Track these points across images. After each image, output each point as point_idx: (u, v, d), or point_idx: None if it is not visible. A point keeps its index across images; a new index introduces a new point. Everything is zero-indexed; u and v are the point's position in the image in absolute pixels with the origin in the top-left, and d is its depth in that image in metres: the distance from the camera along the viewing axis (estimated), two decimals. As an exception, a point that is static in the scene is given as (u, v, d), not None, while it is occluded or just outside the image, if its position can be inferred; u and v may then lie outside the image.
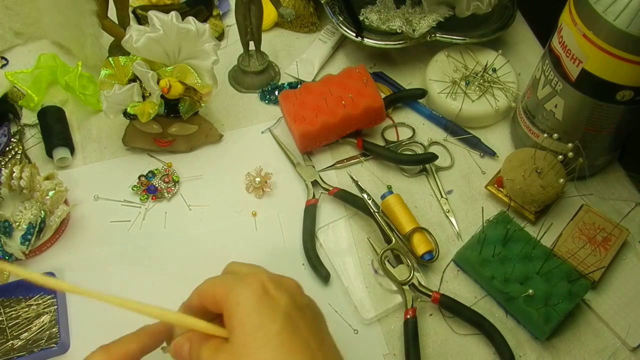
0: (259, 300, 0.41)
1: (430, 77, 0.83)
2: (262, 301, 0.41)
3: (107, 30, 0.82)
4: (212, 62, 0.70)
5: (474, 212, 0.75)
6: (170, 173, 0.75)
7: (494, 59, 0.83)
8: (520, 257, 0.67)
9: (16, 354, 0.62)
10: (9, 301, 0.65)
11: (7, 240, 0.67)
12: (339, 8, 0.85)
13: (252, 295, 0.42)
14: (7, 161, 0.76)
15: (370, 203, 0.72)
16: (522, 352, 0.65)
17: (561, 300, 0.63)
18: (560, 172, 0.70)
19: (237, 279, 0.44)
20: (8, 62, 0.88)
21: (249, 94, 0.86)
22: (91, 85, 0.81)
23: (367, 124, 0.80)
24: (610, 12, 0.58)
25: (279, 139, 0.80)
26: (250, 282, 0.43)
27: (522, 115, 0.77)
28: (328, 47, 0.89)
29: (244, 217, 0.74)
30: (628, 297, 0.69)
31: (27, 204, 0.70)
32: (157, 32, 0.67)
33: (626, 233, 0.71)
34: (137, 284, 0.68)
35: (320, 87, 0.79)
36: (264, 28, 0.87)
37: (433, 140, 0.81)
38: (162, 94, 0.69)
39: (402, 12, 0.85)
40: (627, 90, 0.63)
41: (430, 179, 0.78)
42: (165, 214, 0.73)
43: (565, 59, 0.65)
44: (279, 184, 0.76)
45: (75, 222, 0.72)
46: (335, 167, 0.78)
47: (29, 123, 0.80)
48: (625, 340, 0.66)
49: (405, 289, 0.66)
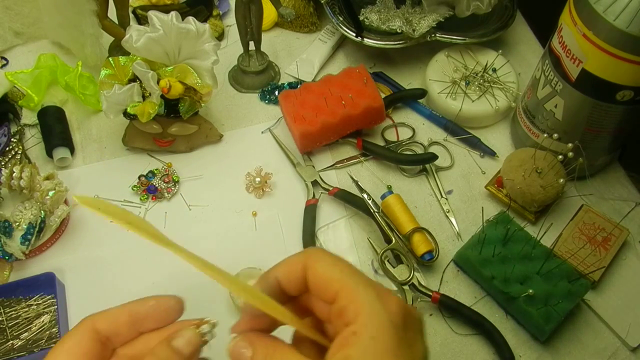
0: (396, 338, 0.33)
1: (430, 77, 0.83)
2: (400, 344, 0.33)
3: (107, 30, 0.82)
4: (212, 62, 0.70)
5: (474, 212, 0.75)
6: (170, 173, 0.75)
7: (494, 59, 0.83)
8: (520, 257, 0.67)
9: (16, 354, 0.62)
10: (9, 301, 0.65)
11: (7, 240, 0.67)
12: (339, 8, 0.85)
13: (390, 327, 0.33)
14: (7, 161, 0.76)
15: (370, 203, 0.72)
16: (522, 352, 0.65)
17: (561, 300, 0.63)
18: (560, 172, 0.70)
19: (371, 288, 0.35)
20: (8, 62, 0.88)
21: (249, 94, 0.86)
22: (91, 85, 0.81)
23: (367, 124, 0.80)
24: (610, 12, 0.58)
25: (279, 139, 0.80)
26: (390, 306, 0.34)
27: (522, 115, 0.77)
28: (328, 47, 0.89)
29: (244, 217, 0.74)
30: (628, 297, 0.69)
31: (27, 204, 0.70)
32: (157, 32, 0.67)
33: (626, 233, 0.71)
34: (137, 284, 0.67)
35: (320, 87, 0.79)
36: (264, 28, 0.87)
37: (433, 140, 0.81)
38: (162, 94, 0.69)
39: (402, 12, 0.85)
40: (627, 90, 0.63)
41: (430, 179, 0.78)
42: (165, 214, 0.73)
43: (565, 59, 0.65)
44: (279, 184, 0.76)
45: (75, 222, 0.72)
46: (335, 167, 0.78)
47: (29, 123, 0.80)
48: (625, 340, 0.66)
49: (405, 289, 0.66)
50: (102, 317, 0.39)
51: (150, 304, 0.39)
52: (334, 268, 0.36)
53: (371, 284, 0.35)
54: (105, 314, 0.39)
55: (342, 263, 0.37)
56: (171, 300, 0.40)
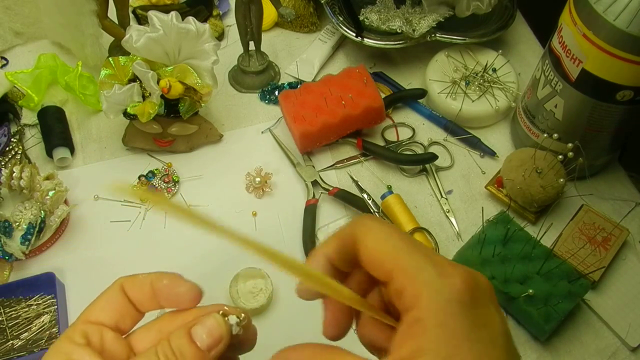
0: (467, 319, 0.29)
1: (430, 77, 0.83)
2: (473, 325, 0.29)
3: (107, 30, 0.82)
4: (212, 62, 0.70)
5: (474, 212, 0.75)
6: (170, 173, 0.75)
7: (494, 59, 0.83)
8: (520, 257, 0.66)
9: (16, 354, 0.62)
10: (9, 301, 0.65)
11: (7, 240, 0.67)
12: (339, 8, 0.85)
13: (458, 309, 0.29)
14: (7, 161, 0.76)
15: (370, 203, 0.72)
16: (522, 352, 0.65)
17: (561, 300, 0.63)
18: (560, 172, 0.70)
19: (430, 263, 0.31)
20: (8, 62, 0.88)
21: (249, 94, 0.86)
22: (91, 85, 0.81)
23: (367, 124, 0.80)
24: (610, 12, 0.58)
25: (279, 139, 0.80)
26: (453, 282, 0.30)
27: (522, 115, 0.77)
28: (328, 47, 0.89)
29: (244, 217, 0.74)
30: (628, 297, 0.69)
31: (27, 204, 0.70)
32: (157, 32, 0.67)
33: (626, 233, 0.71)
34: (137, 284, 0.67)
35: (320, 87, 0.79)
36: (264, 28, 0.87)
37: (433, 140, 0.81)
38: (162, 94, 0.69)
39: (402, 12, 0.85)
40: (627, 90, 0.63)
41: (430, 179, 0.78)
42: (165, 214, 0.73)
43: (565, 59, 0.65)
44: (279, 184, 0.76)
45: (75, 222, 0.72)
46: (335, 167, 0.78)
47: (29, 123, 0.80)
48: (625, 340, 0.66)
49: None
50: (129, 282, 0.37)
51: (164, 282, 0.36)
52: (386, 243, 0.32)
53: (430, 258, 0.31)
54: (132, 279, 0.37)
55: (395, 235, 0.32)
56: (182, 287, 0.36)
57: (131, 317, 0.37)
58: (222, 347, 0.33)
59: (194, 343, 0.33)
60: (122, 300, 0.37)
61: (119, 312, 0.36)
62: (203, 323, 0.33)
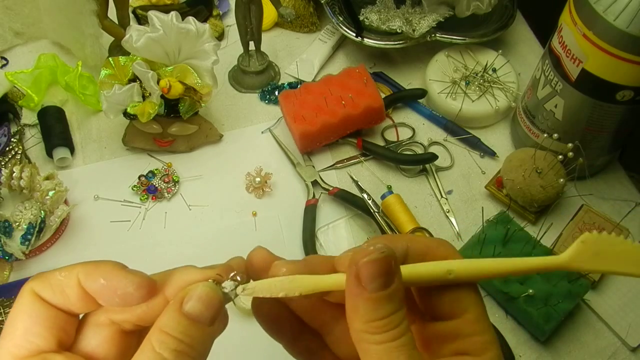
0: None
1: (430, 77, 0.83)
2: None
3: (107, 30, 0.82)
4: (212, 62, 0.70)
5: (474, 212, 0.75)
6: (170, 173, 0.75)
7: (494, 59, 0.83)
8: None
9: (16, 354, 0.61)
10: (9, 301, 0.65)
11: (7, 240, 0.67)
12: (339, 8, 0.85)
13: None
14: (7, 161, 0.76)
15: (370, 203, 0.72)
16: (522, 352, 0.65)
17: (561, 300, 0.63)
18: (560, 172, 0.70)
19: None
20: (8, 62, 0.88)
21: (249, 94, 0.86)
22: (91, 85, 0.81)
23: (367, 124, 0.80)
24: (610, 12, 0.58)
25: (279, 139, 0.80)
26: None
27: (522, 115, 0.77)
28: (328, 47, 0.89)
29: (244, 217, 0.74)
30: (628, 297, 0.69)
31: (27, 204, 0.70)
32: (157, 32, 0.67)
33: (626, 233, 0.71)
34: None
35: (320, 87, 0.79)
36: (264, 28, 0.87)
37: (433, 140, 0.81)
38: (162, 94, 0.69)
39: (402, 12, 0.85)
40: (627, 90, 0.63)
41: (430, 179, 0.78)
42: (165, 214, 0.73)
43: (565, 59, 0.65)
44: (279, 184, 0.76)
45: (75, 222, 0.72)
46: (335, 167, 0.78)
47: (29, 123, 0.80)
48: (625, 340, 0.66)
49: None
50: (40, 285, 0.29)
51: (101, 282, 0.29)
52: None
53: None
54: (42, 281, 0.30)
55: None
56: (130, 286, 0.29)
57: (71, 323, 0.30)
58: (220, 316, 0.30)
59: (193, 319, 0.29)
60: (45, 311, 0.29)
61: (51, 327, 0.29)
62: (194, 295, 0.29)
